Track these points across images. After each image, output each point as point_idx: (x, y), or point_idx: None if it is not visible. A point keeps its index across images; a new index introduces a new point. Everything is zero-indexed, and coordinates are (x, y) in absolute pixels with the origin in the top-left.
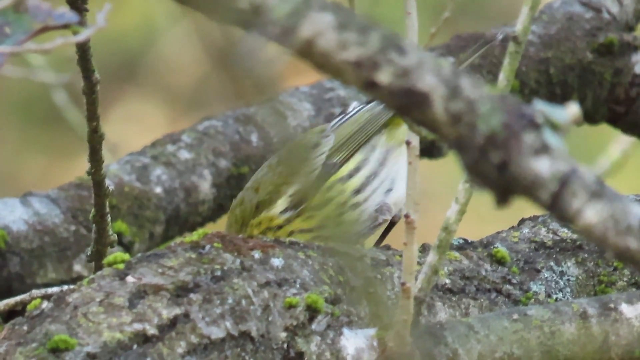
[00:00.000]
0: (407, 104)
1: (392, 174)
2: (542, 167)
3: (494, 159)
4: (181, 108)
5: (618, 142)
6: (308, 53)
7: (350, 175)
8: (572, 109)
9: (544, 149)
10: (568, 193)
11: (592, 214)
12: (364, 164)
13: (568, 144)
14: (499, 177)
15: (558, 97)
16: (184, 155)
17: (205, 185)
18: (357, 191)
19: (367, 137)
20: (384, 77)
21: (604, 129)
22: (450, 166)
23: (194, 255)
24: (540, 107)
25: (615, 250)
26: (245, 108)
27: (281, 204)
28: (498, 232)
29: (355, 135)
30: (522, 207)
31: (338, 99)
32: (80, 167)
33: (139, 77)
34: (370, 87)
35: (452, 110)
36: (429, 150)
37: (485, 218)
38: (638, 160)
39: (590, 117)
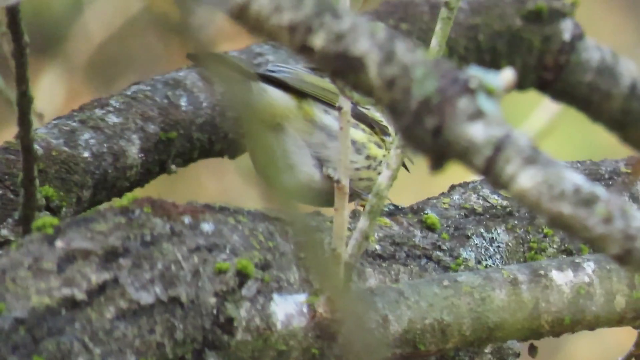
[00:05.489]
0: (341, 68)
1: None
2: (477, 132)
3: (428, 124)
4: (106, 76)
5: (545, 109)
6: (243, 17)
7: None
8: (507, 75)
9: (478, 114)
10: (502, 158)
11: (526, 179)
12: None
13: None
14: (433, 142)
15: (487, 64)
16: (113, 119)
17: (133, 150)
18: None
19: None
20: (318, 41)
21: (531, 95)
22: None
23: (123, 220)
24: (475, 72)
25: (548, 215)
26: (175, 72)
27: None
28: (428, 198)
29: None
30: (453, 174)
31: (267, 64)
32: (4, 133)
33: (62, 48)
34: (304, 51)
35: (386, 74)
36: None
37: (416, 184)
38: (567, 127)
39: (519, 84)
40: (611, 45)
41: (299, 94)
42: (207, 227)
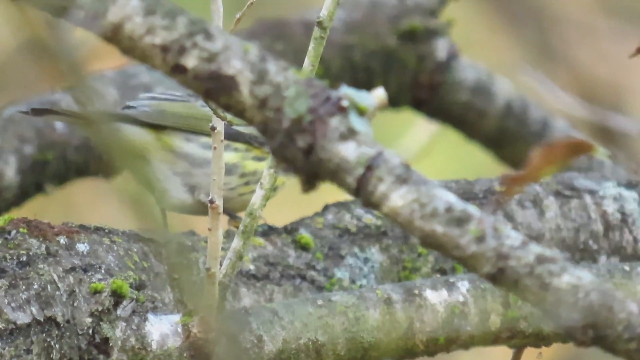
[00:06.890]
0: (213, 88)
1: None
2: (348, 151)
3: (300, 143)
4: None
5: (421, 127)
6: (116, 38)
7: None
8: (378, 94)
9: (349, 134)
10: (374, 177)
11: (397, 198)
12: None
13: (374, 129)
14: (305, 162)
15: (362, 83)
16: None
17: (9, 171)
18: None
19: None
20: (190, 61)
21: (407, 114)
22: None
23: None
24: (347, 92)
25: (420, 234)
26: (50, 93)
27: None
28: (302, 218)
29: None
30: (327, 193)
31: (142, 85)
32: None
33: None
34: (176, 72)
35: (258, 94)
36: None
37: (289, 204)
38: (443, 146)
39: (394, 102)
40: (492, 65)
41: (158, 125)
42: (82, 247)
